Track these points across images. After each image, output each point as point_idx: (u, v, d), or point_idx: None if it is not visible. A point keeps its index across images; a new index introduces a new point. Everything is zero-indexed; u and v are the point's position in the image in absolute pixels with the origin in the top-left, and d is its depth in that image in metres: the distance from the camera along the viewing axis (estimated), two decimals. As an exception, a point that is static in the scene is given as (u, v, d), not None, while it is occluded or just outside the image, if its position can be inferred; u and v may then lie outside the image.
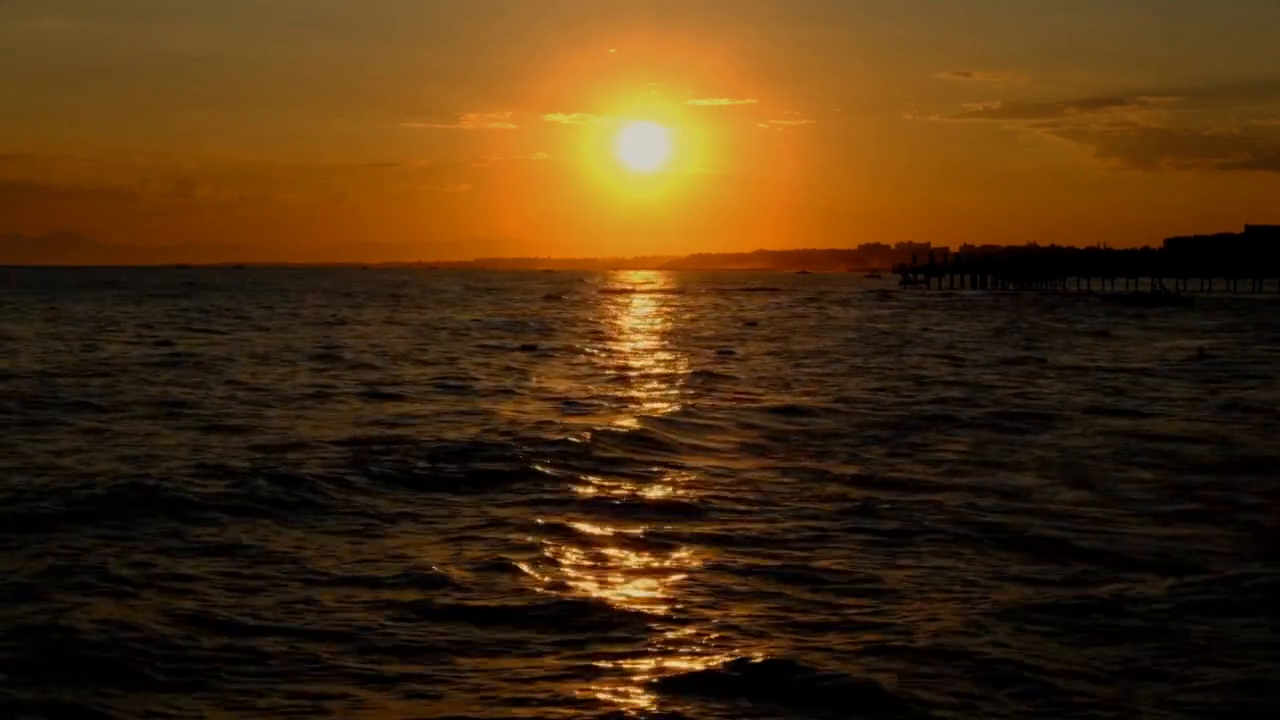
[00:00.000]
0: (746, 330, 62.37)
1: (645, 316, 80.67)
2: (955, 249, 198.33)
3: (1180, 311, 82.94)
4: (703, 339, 54.76)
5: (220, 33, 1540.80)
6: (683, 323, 71.22)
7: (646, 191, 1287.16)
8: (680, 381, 33.34)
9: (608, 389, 31.18)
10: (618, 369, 37.78)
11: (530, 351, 44.89)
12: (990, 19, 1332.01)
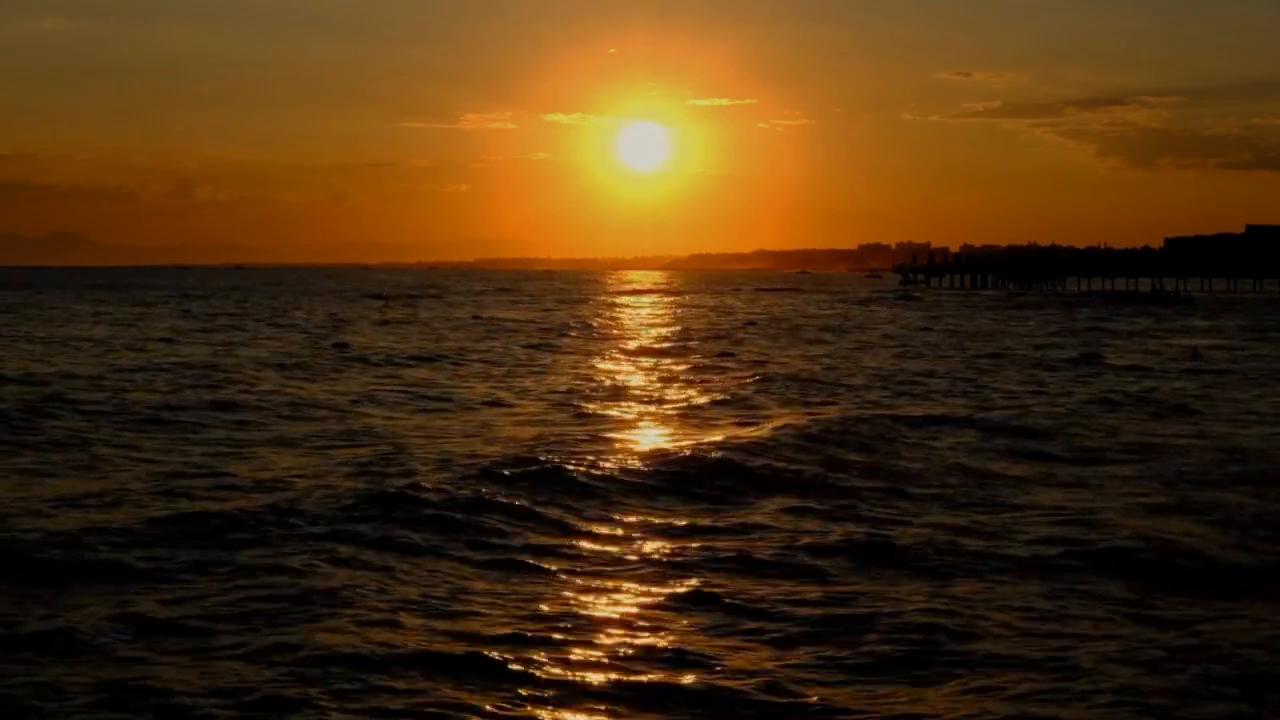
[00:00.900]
0: (853, 336, 59.54)
1: (717, 320, 76.59)
2: (955, 249, 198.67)
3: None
4: (812, 340, 53.94)
5: (220, 33, 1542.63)
6: (763, 324, 68.71)
7: (646, 191, 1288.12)
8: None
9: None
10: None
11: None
12: (990, 19, 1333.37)
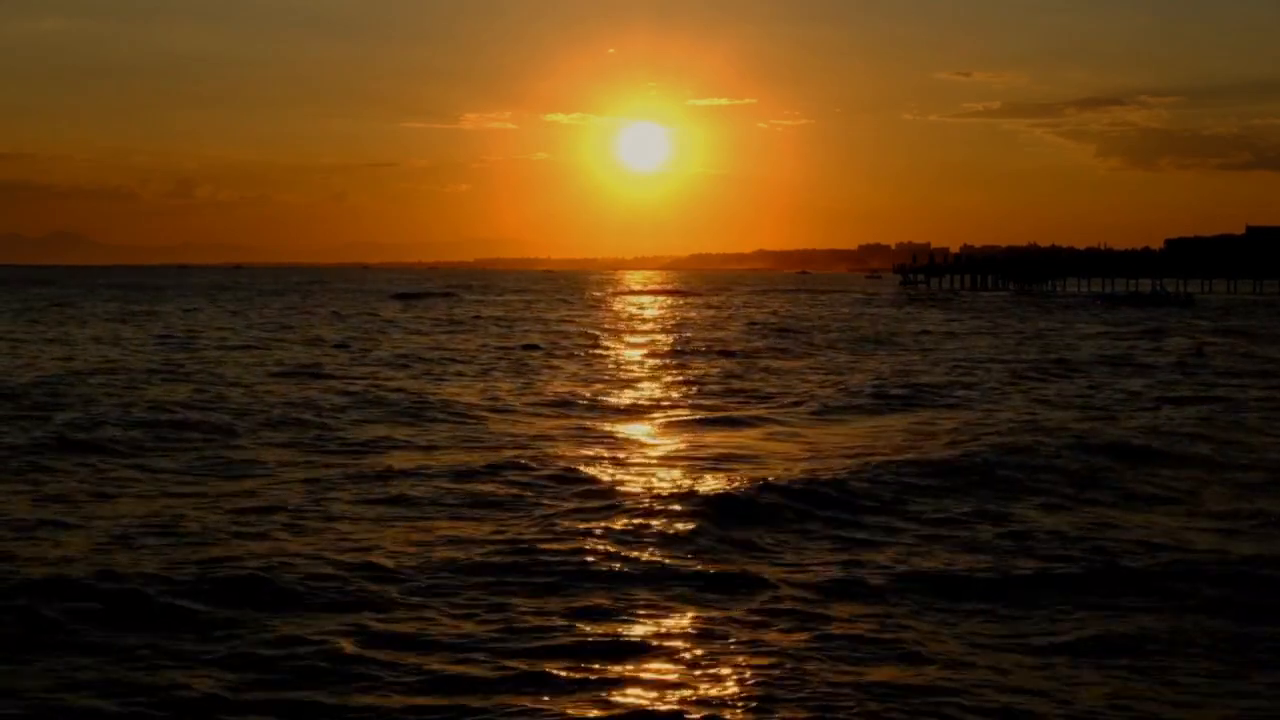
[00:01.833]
0: (905, 337, 59.31)
1: (768, 321, 75.60)
2: (955, 249, 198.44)
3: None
4: (899, 346, 53.08)
5: (220, 33, 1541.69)
6: (839, 330, 66.91)
7: (646, 191, 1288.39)
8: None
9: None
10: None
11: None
12: (990, 19, 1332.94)
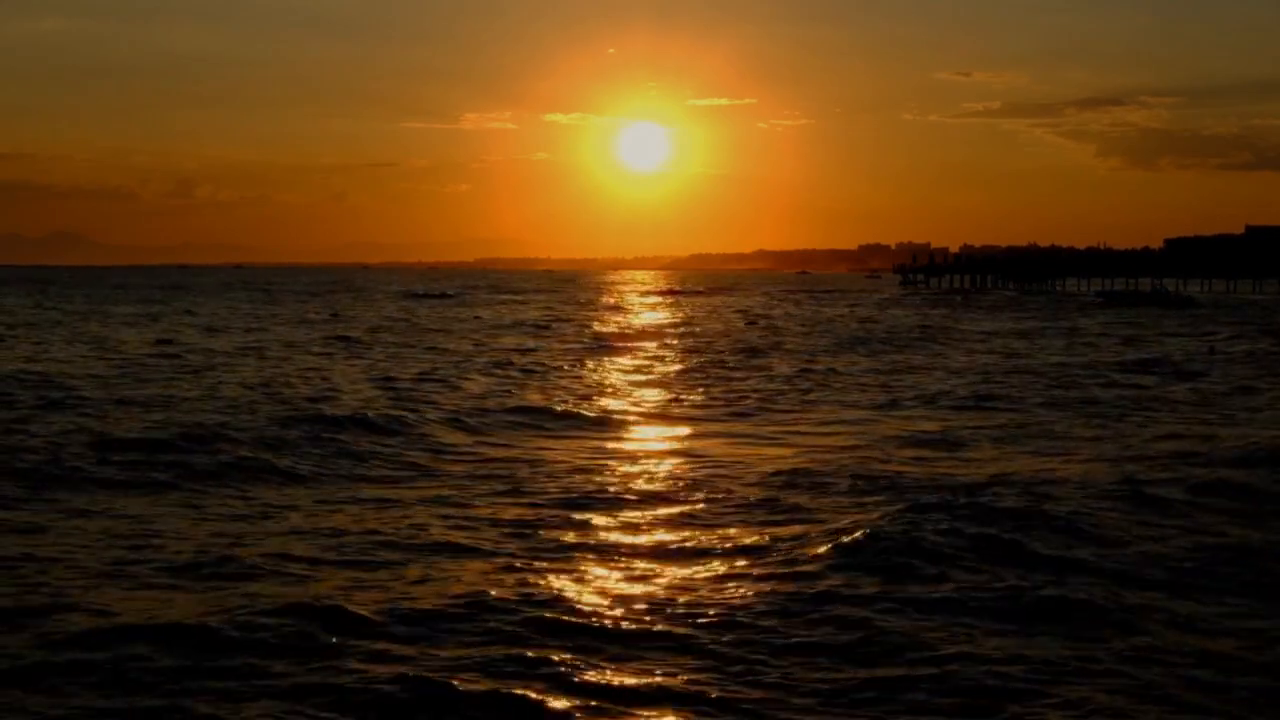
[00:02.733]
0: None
1: (817, 321, 73.98)
2: (955, 249, 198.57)
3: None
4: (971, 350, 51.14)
5: (220, 33, 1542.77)
6: (876, 331, 64.93)
7: (646, 191, 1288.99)
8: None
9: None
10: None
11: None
12: (990, 19, 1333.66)
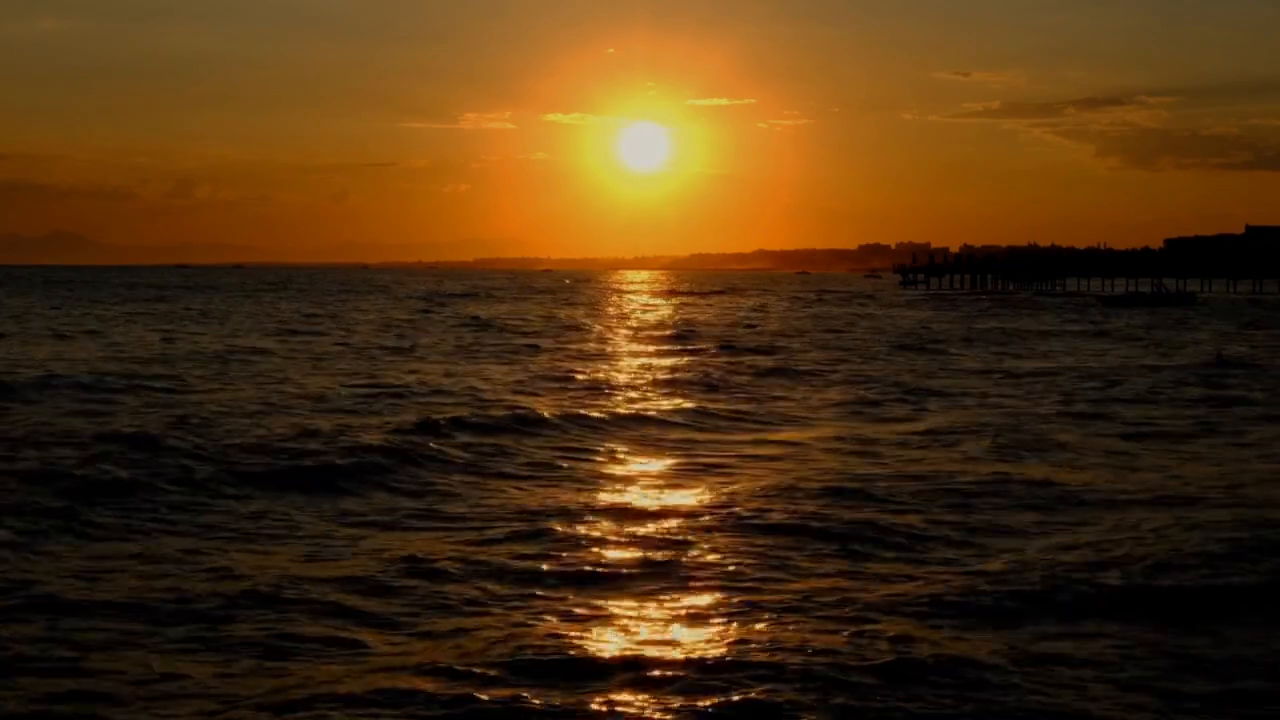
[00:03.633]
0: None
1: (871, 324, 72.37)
2: (955, 249, 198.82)
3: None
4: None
5: (220, 33, 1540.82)
6: (943, 330, 63.89)
7: (646, 191, 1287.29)
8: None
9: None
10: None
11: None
12: (989, 18, 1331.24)
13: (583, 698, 9.73)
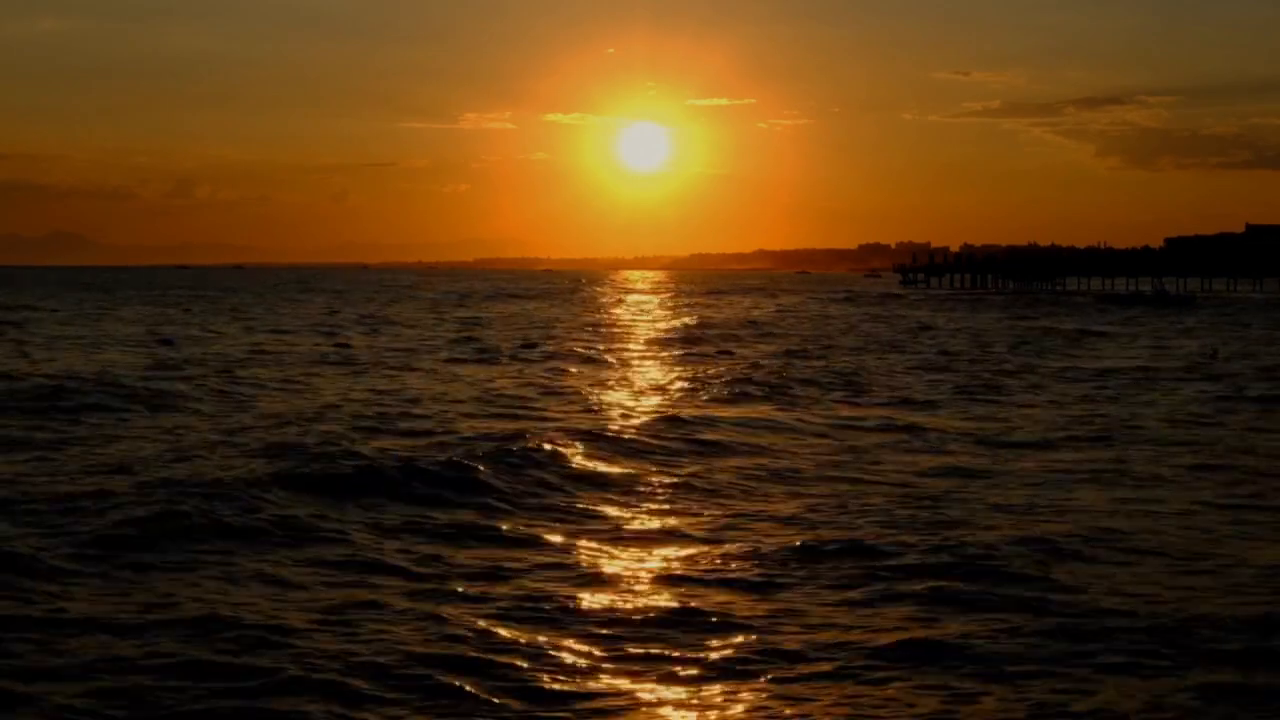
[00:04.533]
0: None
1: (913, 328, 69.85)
2: (955, 249, 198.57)
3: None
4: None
5: (220, 33, 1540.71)
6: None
7: (646, 191, 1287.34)
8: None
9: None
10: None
11: None
12: (989, 18, 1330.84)
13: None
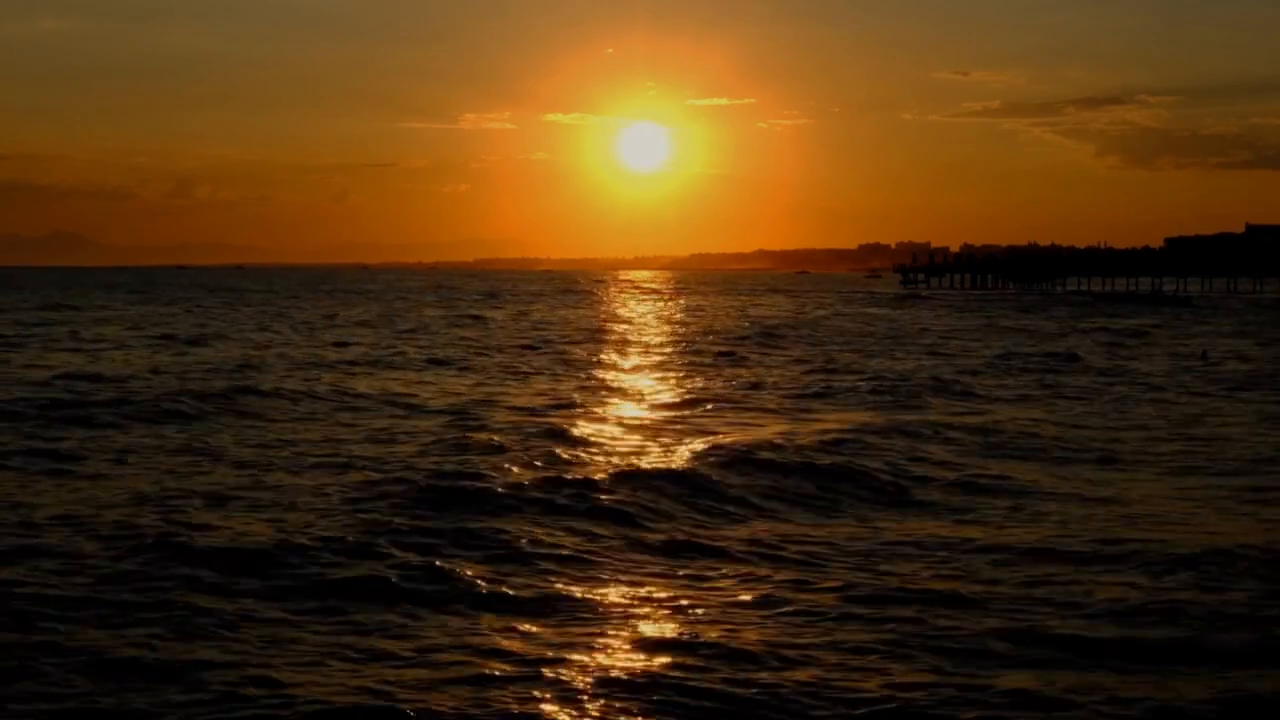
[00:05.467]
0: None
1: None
2: (955, 249, 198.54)
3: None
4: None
5: (220, 33, 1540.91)
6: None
7: (646, 191, 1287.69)
8: None
9: None
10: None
11: None
12: (989, 18, 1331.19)
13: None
